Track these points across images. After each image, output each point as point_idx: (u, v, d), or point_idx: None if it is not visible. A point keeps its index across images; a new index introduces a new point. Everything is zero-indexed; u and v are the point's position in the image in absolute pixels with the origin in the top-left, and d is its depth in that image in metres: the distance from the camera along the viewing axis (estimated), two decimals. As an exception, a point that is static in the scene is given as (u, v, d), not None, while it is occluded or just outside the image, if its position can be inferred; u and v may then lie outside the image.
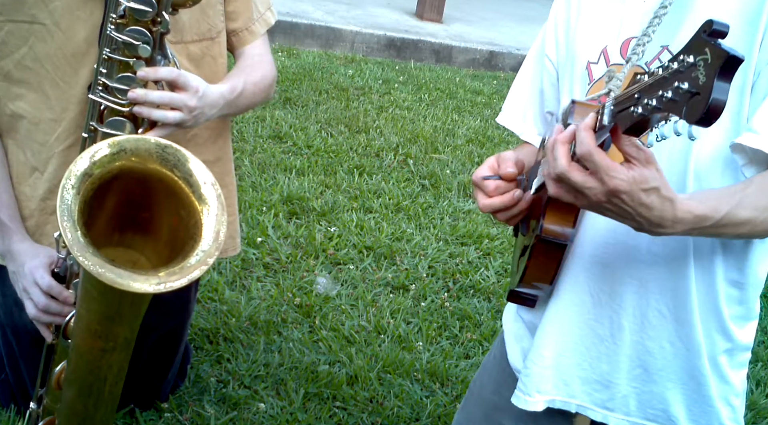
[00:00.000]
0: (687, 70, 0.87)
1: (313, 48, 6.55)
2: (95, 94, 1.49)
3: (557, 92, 1.50)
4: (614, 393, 1.37)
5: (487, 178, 1.30)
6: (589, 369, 1.37)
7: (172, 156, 1.29)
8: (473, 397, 1.67)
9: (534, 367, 1.39)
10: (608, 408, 1.38)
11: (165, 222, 1.36)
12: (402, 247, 3.35)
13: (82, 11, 1.56)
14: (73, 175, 1.20)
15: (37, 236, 1.72)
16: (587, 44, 1.39)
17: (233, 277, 2.92)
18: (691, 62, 0.87)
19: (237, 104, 1.73)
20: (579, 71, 1.40)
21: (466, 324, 2.89)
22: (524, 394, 1.41)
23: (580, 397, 1.39)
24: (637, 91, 0.94)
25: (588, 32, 1.40)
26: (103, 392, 1.50)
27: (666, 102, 0.88)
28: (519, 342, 1.53)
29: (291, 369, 2.47)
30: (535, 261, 1.29)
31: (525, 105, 1.57)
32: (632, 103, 0.94)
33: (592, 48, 1.37)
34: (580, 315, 1.36)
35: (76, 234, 1.15)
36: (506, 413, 1.53)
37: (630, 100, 0.95)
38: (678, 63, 0.88)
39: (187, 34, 1.70)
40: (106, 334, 1.38)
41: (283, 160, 4.02)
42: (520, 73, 1.60)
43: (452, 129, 4.98)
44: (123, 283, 1.15)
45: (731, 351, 1.35)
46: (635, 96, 0.94)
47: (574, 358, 1.38)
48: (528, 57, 1.59)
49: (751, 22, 1.20)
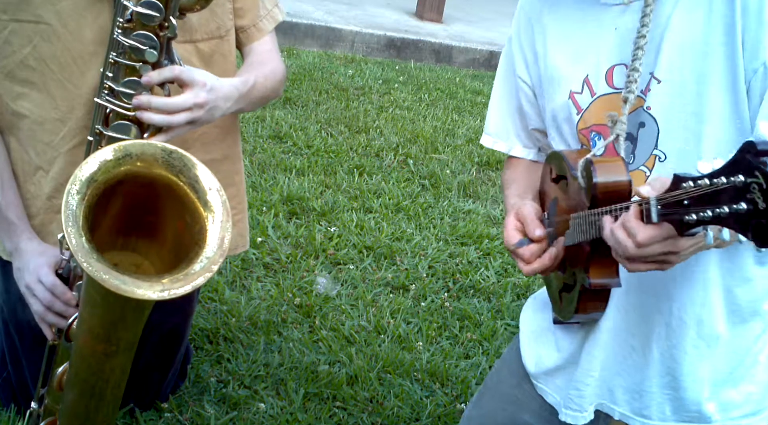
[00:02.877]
0: (740, 190, 0.92)
1: (313, 48, 6.54)
2: (101, 97, 1.49)
3: (538, 110, 1.51)
4: (649, 401, 1.40)
5: (520, 245, 1.36)
6: (628, 379, 1.42)
7: (177, 161, 1.30)
8: (489, 391, 1.68)
9: (586, 389, 1.44)
10: (645, 416, 1.42)
11: (170, 228, 1.36)
12: (402, 247, 3.36)
13: (90, 12, 1.56)
14: (78, 180, 1.20)
15: (42, 235, 1.72)
16: (566, 73, 1.39)
17: (233, 277, 2.93)
18: (742, 182, 0.92)
19: (250, 98, 1.73)
20: (561, 100, 1.40)
21: (466, 324, 2.90)
22: (580, 412, 1.45)
23: (623, 406, 1.43)
24: (686, 198, 0.99)
25: (563, 60, 1.40)
26: (104, 394, 1.51)
27: (725, 218, 0.94)
28: (539, 346, 1.55)
29: (291, 369, 2.48)
30: (585, 303, 1.36)
31: (506, 123, 1.58)
32: (682, 208, 1.00)
33: (572, 77, 1.38)
34: (618, 330, 1.40)
35: (80, 240, 1.15)
36: (526, 407, 1.56)
37: (678, 205, 1.00)
38: (727, 180, 0.93)
39: (196, 33, 1.70)
40: (108, 338, 1.38)
41: (283, 160, 4.03)
42: (494, 91, 1.61)
43: (452, 129, 4.99)
44: (127, 290, 1.15)
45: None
46: (684, 202, 0.99)
47: (616, 369, 1.42)
48: (498, 76, 1.60)
49: (727, 32, 1.21)
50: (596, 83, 1.35)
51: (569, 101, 1.39)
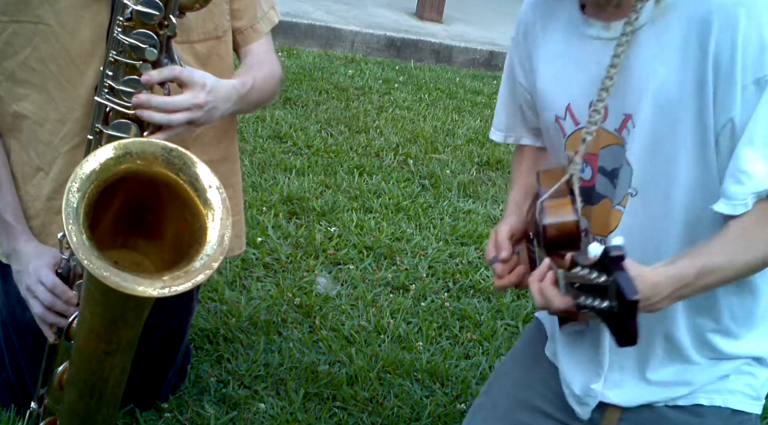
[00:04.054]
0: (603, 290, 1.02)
1: (313, 48, 6.54)
2: (101, 96, 1.49)
3: (536, 112, 1.55)
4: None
5: (493, 261, 1.46)
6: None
7: (177, 159, 1.30)
8: (500, 378, 1.72)
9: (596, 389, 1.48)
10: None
11: (170, 226, 1.36)
12: (402, 247, 3.36)
13: (88, 12, 1.56)
14: (79, 178, 1.20)
15: (42, 236, 1.72)
16: (552, 97, 1.45)
17: (233, 277, 2.92)
18: (605, 283, 1.02)
19: (249, 99, 1.73)
20: (549, 120, 1.46)
21: (466, 324, 2.89)
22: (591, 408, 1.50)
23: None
24: (576, 282, 1.10)
25: (550, 83, 1.45)
26: (105, 393, 1.51)
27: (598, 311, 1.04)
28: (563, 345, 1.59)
29: (291, 369, 2.48)
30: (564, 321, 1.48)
31: (513, 118, 1.65)
32: (574, 290, 1.11)
33: (557, 102, 1.43)
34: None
35: (81, 238, 1.15)
36: (536, 391, 1.59)
37: (573, 286, 1.13)
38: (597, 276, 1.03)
39: (193, 34, 1.70)
40: (109, 336, 1.38)
41: (283, 160, 4.02)
42: (501, 88, 1.67)
43: (452, 129, 4.98)
44: (127, 287, 1.15)
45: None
46: (575, 285, 1.11)
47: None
48: (504, 74, 1.67)
49: (700, 86, 1.24)
50: (579, 114, 1.40)
51: (555, 124, 1.44)
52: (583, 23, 1.38)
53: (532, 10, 1.52)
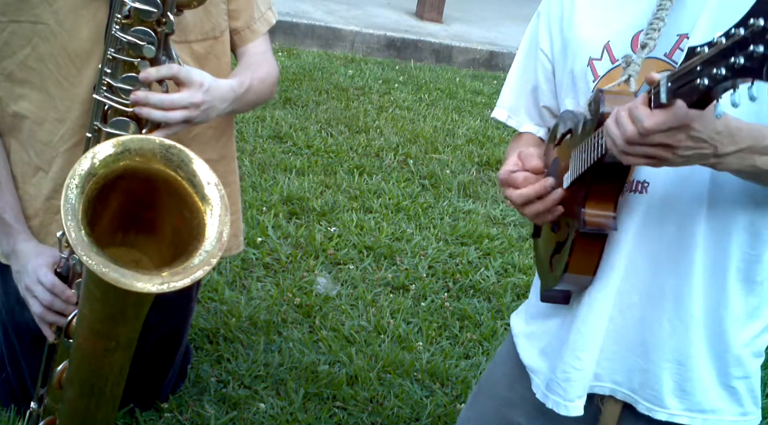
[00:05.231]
0: (758, 34, 0.85)
1: (313, 48, 6.55)
2: (99, 94, 1.49)
3: (553, 86, 1.50)
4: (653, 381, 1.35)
5: (514, 170, 1.31)
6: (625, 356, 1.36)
7: (175, 156, 1.30)
8: (484, 394, 1.66)
9: (574, 372, 1.37)
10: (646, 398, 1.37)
11: (168, 223, 1.36)
12: (402, 247, 3.35)
13: (86, 11, 1.56)
14: (77, 175, 1.20)
15: (41, 235, 1.72)
16: (587, 40, 1.37)
17: (233, 277, 2.92)
18: (761, 26, 0.85)
19: (245, 99, 1.73)
20: (579, 67, 1.38)
21: (466, 324, 2.89)
22: (566, 400, 1.39)
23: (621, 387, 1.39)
24: (699, 64, 0.92)
25: (587, 28, 1.39)
26: (104, 392, 1.51)
27: (739, 69, 0.87)
28: (535, 341, 1.51)
29: (291, 369, 2.47)
30: (578, 255, 1.30)
31: (519, 99, 1.57)
32: (694, 76, 0.92)
33: (593, 44, 1.36)
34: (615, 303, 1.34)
35: (80, 234, 1.15)
36: (520, 409, 1.53)
37: (690, 74, 0.93)
38: (745, 29, 0.87)
39: (190, 34, 1.70)
40: (108, 334, 1.38)
41: (283, 160, 4.02)
42: (513, 66, 1.59)
43: (452, 129, 4.98)
44: (126, 283, 1.15)
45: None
46: (697, 69, 0.92)
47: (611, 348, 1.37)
48: (520, 51, 1.58)
49: None
50: (618, 50, 1.32)
51: (587, 68, 1.37)
52: None
53: None
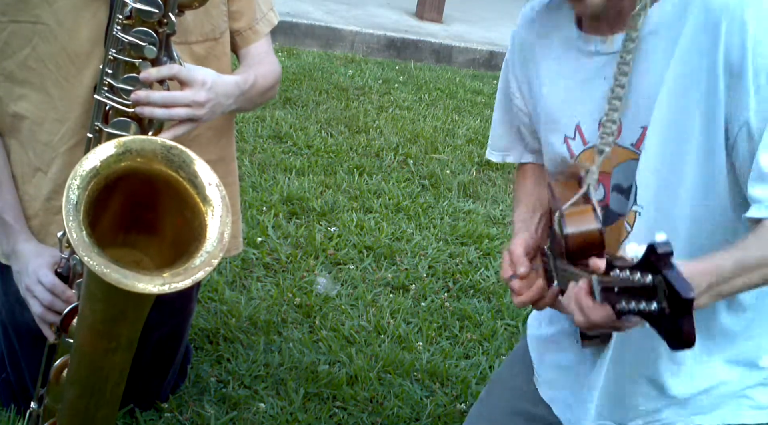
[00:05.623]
0: (651, 290, 0.94)
1: (313, 48, 6.55)
2: (101, 94, 1.49)
3: (535, 134, 1.52)
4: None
5: (511, 278, 1.40)
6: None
7: (177, 157, 1.30)
8: (500, 385, 1.70)
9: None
10: None
11: (169, 223, 1.36)
12: (402, 247, 3.35)
13: (86, 11, 1.56)
14: (79, 175, 1.20)
15: (41, 236, 1.72)
16: (559, 118, 1.40)
17: (233, 277, 2.92)
18: (650, 283, 0.94)
19: (250, 96, 1.73)
20: (556, 142, 1.41)
21: (466, 324, 2.89)
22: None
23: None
24: (615, 286, 1.00)
25: (557, 103, 1.40)
26: (105, 392, 1.51)
27: (646, 314, 0.95)
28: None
29: (291, 369, 2.47)
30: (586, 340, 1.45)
31: (510, 138, 1.60)
32: (615, 295, 1.01)
33: (566, 122, 1.39)
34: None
35: (81, 234, 1.15)
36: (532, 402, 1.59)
37: (611, 291, 1.02)
38: (641, 277, 0.95)
39: (190, 35, 1.70)
40: (109, 334, 1.38)
41: (283, 160, 4.02)
42: (495, 108, 1.62)
43: (452, 129, 4.98)
44: (127, 284, 1.15)
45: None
46: (615, 289, 1.01)
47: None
48: (498, 95, 1.60)
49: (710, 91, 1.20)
50: (588, 133, 1.35)
51: (563, 145, 1.40)
52: (581, 39, 1.34)
53: (526, 30, 1.47)
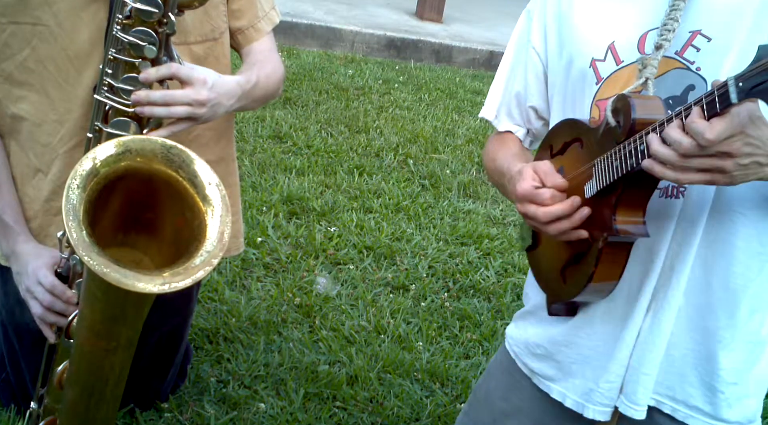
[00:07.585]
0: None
1: (313, 48, 6.55)
2: (100, 94, 1.49)
3: (543, 87, 1.46)
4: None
5: (537, 188, 1.26)
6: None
7: (177, 156, 1.29)
8: (479, 403, 1.63)
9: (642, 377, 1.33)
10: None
11: (169, 223, 1.36)
12: (402, 247, 3.35)
13: (86, 12, 1.56)
14: (79, 175, 1.20)
15: (41, 237, 1.71)
16: (589, 41, 1.33)
17: (233, 277, 2.92)
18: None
19: (253, 95, 1.72)
20: (579, 68, 1.34)
21: (466, 324, 2.89)
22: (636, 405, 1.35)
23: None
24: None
25: (588, 28, 1.34)
26: (104, 392, 1.50)
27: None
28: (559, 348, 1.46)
29: (291, 369, 2.47)
30: (605, 264, 1.25)
31: (505, 98, 1.53)
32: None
33: (596, 45, 1.31)
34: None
35: (81, 234, 1.15)
36: (515, 419, 1.52)
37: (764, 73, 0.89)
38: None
39: (190, 36, 1.70)
40: (109, 334, 1.38)
41: (283, 160, 4.02)
42: (501, 65, 1.54)
43: (452, 129, 4.98)
44: (127, 283, 1.15)
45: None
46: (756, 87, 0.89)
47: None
48: (509, 48, 1.52)
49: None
50: (624, 51, 1.28)
51: (590, 69, 1.32)
52: None
53: None
